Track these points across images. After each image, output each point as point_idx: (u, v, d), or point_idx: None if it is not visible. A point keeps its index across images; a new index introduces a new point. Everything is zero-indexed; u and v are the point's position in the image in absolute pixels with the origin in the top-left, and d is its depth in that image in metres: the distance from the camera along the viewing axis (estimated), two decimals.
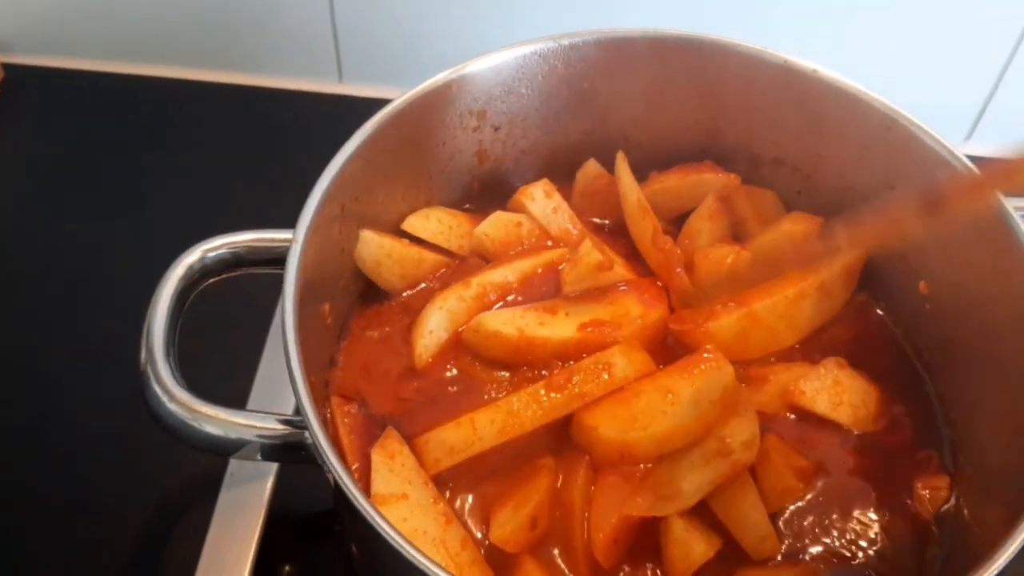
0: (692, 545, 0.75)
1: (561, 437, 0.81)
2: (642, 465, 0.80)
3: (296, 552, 0.96)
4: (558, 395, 0.79)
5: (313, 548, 0.97)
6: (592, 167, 0.99)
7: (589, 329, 0.85)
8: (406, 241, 0.93)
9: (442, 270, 0.93)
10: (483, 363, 0.87)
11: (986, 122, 1.34)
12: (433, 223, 0.95)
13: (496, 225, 0.94)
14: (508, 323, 0.85)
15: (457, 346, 0.88)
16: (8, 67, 1.37)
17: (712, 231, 0.95)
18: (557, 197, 0.96)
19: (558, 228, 0.96)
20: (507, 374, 0.86)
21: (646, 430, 0.78)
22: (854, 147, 0.93)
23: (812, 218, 0.95)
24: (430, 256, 0.93)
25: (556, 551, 0.78)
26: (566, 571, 0.78)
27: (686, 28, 0.94)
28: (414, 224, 0.94)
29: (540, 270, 0.92)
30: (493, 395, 0.85)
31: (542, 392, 0.79)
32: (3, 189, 1.27)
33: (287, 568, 0.95)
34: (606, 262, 0.88)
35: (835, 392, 0.86)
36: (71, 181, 1.27)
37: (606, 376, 0.80)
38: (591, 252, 0.89)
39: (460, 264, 0.93)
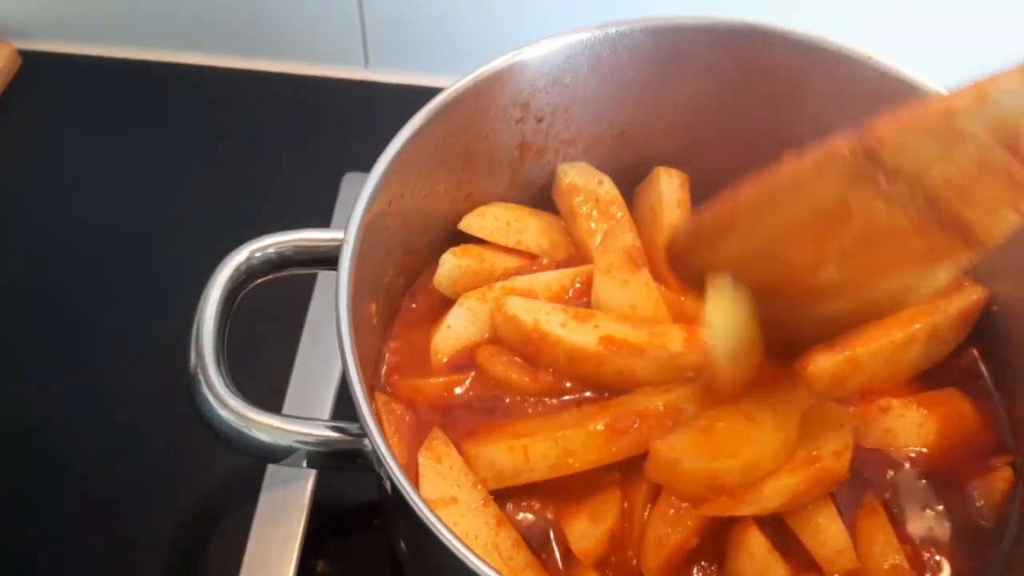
0: (773, 567, 0.73)
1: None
2: None
3: (338, 548, 0.95)
4: (618, 444, 0.76)
5: (355, 542, 0.97)
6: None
7: (613, 348, 0.81)
8: (477, 252, 0.92)
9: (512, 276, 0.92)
10: (506, 365, 0.84)
11: None
12: (490, 221, 0.93)
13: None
14: (528, 311, 0.83)
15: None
16: (29, 54, 1.35)
17: None
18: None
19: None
20: (528, 379, 0.84)
21: (735, 457, 0.73)
22: None
23: None
24: (500, 263, 0.92)
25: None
26: None
27: (734, 13, 0.91)
28: (471, 224, 0.93)
29: (574, 285, 0.90)
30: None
31: (603, 435, 0.76)
32: (24, 181, 1.25)
33: (331, 565, 0.94)
34: (636, 250, 0.86)
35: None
36: (99, 171, 1.25)
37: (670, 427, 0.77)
38: (624, 234, 0.87)
39: (524, 267, 0.92)
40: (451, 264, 0.90)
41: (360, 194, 0.76)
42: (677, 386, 0.79)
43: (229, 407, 0.71)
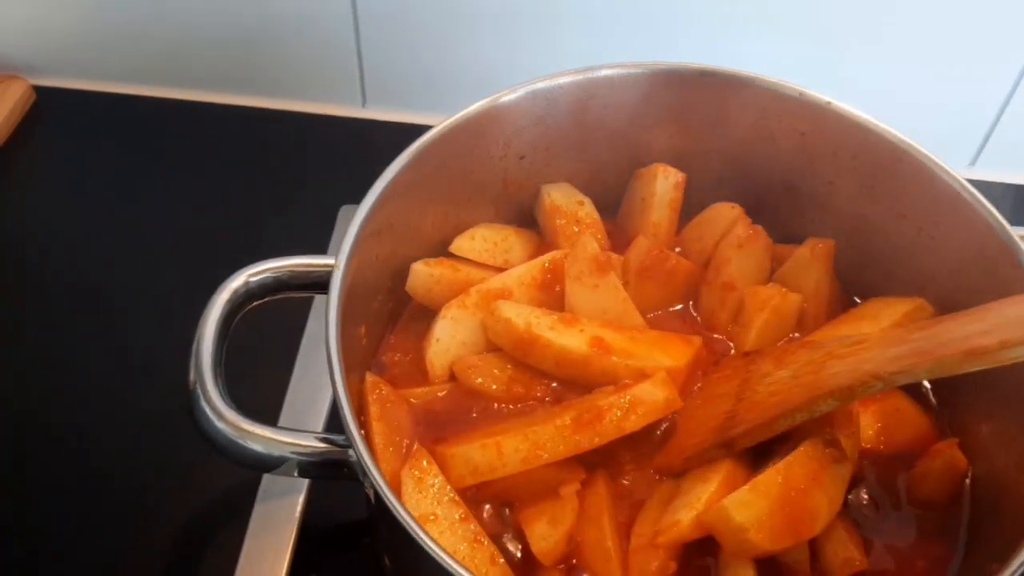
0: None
1: (582, 458, 0.84)
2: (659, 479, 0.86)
3: (328, 563, 0.99)
4: (583, 434, 0.82)
5: (344, 559, 1.01)
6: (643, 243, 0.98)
7: (601, 350, 0.87)
8: (453, 264, 0.97)
9: None
10: (483, 377, 0.90)
11: (991, 149, 1.37)
12: (479, 243, 0.99)
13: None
14: (521, 315, 0.89)
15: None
16: (40, 89, 1.41)
17: (744, 259, 0.98)
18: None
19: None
20: (502, 391, 0.90)
21: (802, 536, 0.78)
22: (865, 177, 0.96)
23: (826, 242, 0.98)
24: (479, 275, 0.96)
25: (586, 575, 0.82)
26: None
27: (705, 60, 0.98)
28: (461, 246, 0.99)
29: (544, 273, 0.95)
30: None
31: (568, 428, 0.82)
32: (36, 211, 1.31)
33: None
34: (603, 256, 0.92)
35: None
36: (104, 203, 1.30)
37: (632, 419, 0.83)
38: (590, 242, 0.93)
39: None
40: (423, 273, 0.95)
41: (351, 223, 0.82)
42: (637, 383, 0.85)
43: (225, 419, 0.76)
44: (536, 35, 1.30)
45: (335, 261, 0.80)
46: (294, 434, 0.80)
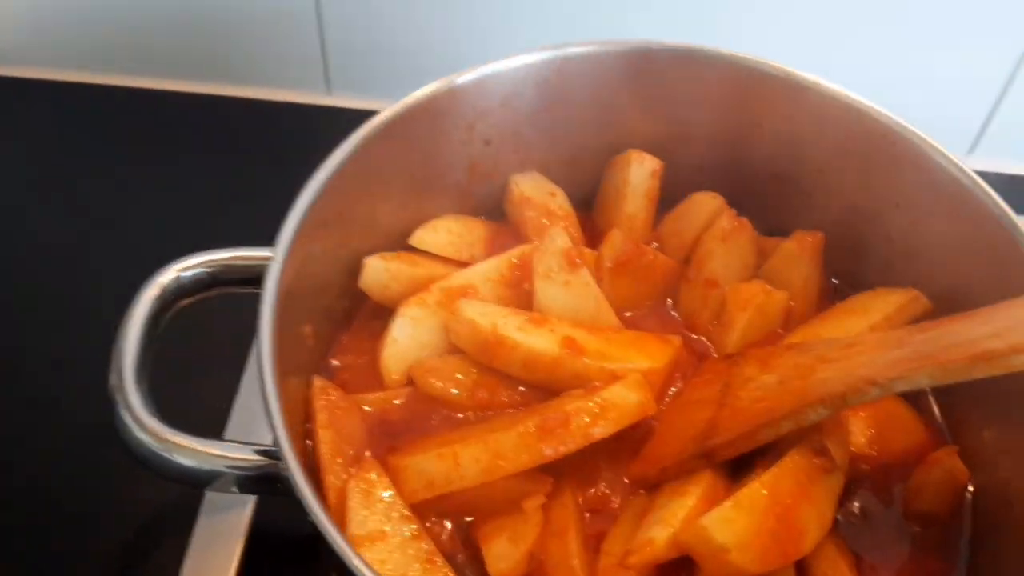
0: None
1: (548, 468, 0.77)
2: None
3: None
4: (548, 442, 0.75)
5: (296, 573, 0.93)
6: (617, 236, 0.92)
7: (574, 351, 0.81)
8: (412, 258, 0.90)
9: None
10: (443, 382, 0.84)
11: (989, 136, 1.31)
12: (443, 235, 0.92)
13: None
14: (486, 315, 0.82)
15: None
16: None
17: (728, 254, 0.92)
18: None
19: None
20: (464, 396, 0.83)
21: (791, 557, 0.72)
22: (856, 162, 0.90)
23: (815, 235, 0.91)
24: (441, 271, 0.90)
25: None
26: None
27: (684, 38, 0.91)
28: (423, 238, 0.92)
29: (512, 270, 0.89)
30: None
31: (532, 435, 0.75)
32: None
33: None
34: (574, 251, 0.86)
35: None
36: (45, 194, 1.23)
37: (601, 425, 0.76)
38: (559, 235, 0.86)
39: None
40: (378, 268, 0.87)
41: (291, 212, 0.75)
42: (608, 385, 0.78)
43: (148, 430, 0.69)
44: (511, 15, 1.23)
45: (272, 253, 0.72)
46: (228, 446, 0.73)
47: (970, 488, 0.83)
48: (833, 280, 0.97)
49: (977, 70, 1.24)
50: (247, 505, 0.92)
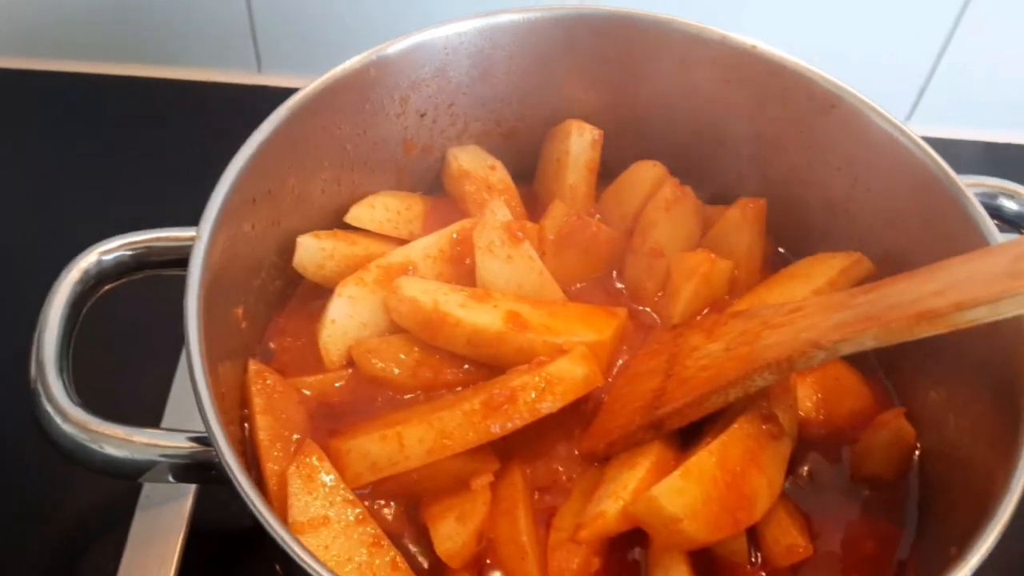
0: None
1: (496, 445, 0.75)
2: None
3: (219, 573, 0.89)
4: (494, 419, 0.73)
5: (238, 568, 0.90)
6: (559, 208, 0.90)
7: (517, 326, 0.79)
8: (349, 236, 0.87)
9: None
10: (384, 362, 0.82)
11: (925, 104, 1.31)
12: (380, 212, 0.90)
13: None
14: (427, 292, 0.80)
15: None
16: None
17: (672, 223, 0.90)
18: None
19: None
20: (407, 375, 0.82)
21: (741, 525, 0.70)
22: (796, 126, 0.89)
23: (758, 202, 0.90)
24: (379, 248, 0.87)
25: (500, 574, 0.73)
26: None
27: (623, 4, 0.89)
28: (359, 216, 0.89)
29: (453, 245, 0.87)
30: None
31: (478, 413, 0.73)
32: None
33: None
34: (516, 224, 0.84)
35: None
36: None
37: (549, 400, 0.74)
38: (500, 209, 0.84)
39: None
40: (312, 246, 0.85)
41: (215, 189, 0.72)
42: (554, 359, 0.77)
43: (72, 420, 0.66)
44: None
45: (196, 232, 0.69)
46: (159, 434, 0.70)
47: (917, 450, 0.82)
48: (778, 249, 0.96)
49: (911, 40, 1.24)
50: (186, 498, 0.89)
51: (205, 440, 0.70)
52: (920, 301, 0.65)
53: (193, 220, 0.78)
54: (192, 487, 0.90)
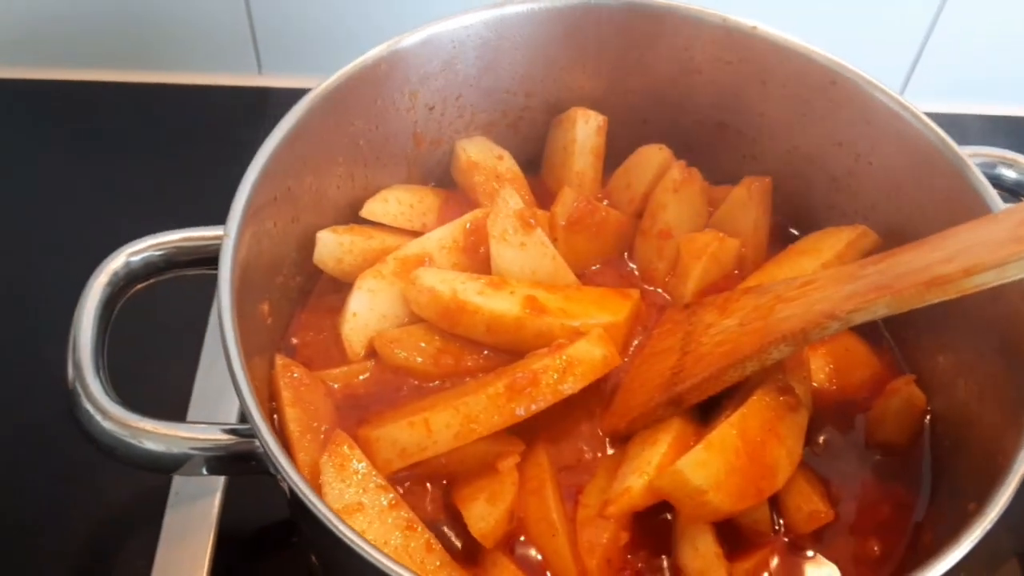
0: (715, 566, 0.73)
1: (520, 427, 0.77)
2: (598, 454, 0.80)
3: (252, 568, 0.91)
4: (518, 402, 0.75)
5: (270, 562, 0.92)
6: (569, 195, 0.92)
7: (536, 311, 0.81)
8: (366, 231, 0.89)
9: None
10: (407, 351, 0.83)
11: (917, 79, 1.33)
12: (393, 206, 0.91)
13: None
14: (445, 282, 0.82)
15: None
16: None
17: (680, 204, 0.92)
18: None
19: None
20: (429, 363, 0.83)
21: (763, 494, 0.73)
22: (797, 104, 0.91)
23: (763, 180, 0.92)
24: (395, 241, 0.89)
25: (534, 551, 0.75)
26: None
27: None
28: (374, 210, 0.91)
29: (467, 235, 0.89)
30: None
31: (502, 396, 0.75)
32: None
33: None
34: (527, 212, 0.86)
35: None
36: None
37: (570, 381, 0.76)
38: (512, 197, 0.86)
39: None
40: (331, 241, 0.86)
41: (239, 188, 0.73)
42: (572, 342, 0.78)
43: (112, 417, 0.68)
44: None
45: (224, 231, 0.71)
46: (195, 428, 0.72)
47: (928, 415, 0.84)
48: (784, 227, 0.98)
49: (903, 12, 1.26)
50: (214, 495, 0.91)
51: (238, 431, 0.71)
52: (929, 268, 0.67)
53: (204, 220, 0.80)
54: (220, 485, 0.92)
